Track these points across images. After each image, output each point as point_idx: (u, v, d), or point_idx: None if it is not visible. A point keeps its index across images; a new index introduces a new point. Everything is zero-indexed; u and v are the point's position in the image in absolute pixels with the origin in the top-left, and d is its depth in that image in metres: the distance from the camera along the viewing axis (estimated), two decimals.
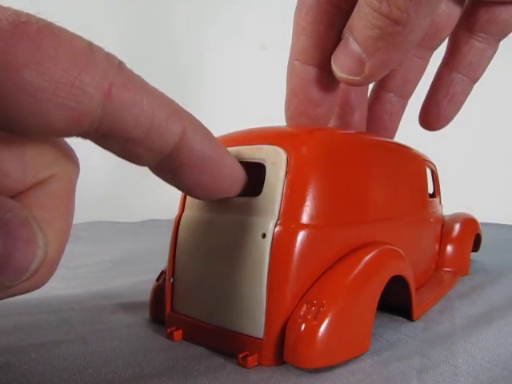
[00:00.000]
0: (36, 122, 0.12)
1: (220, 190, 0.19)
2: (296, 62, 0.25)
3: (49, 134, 0.14)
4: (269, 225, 0.20)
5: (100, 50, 0.13)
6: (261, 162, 0.21)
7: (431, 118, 0.28)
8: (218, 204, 0.23)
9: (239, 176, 0.20)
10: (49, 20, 0.13)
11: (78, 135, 0.14)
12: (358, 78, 0.22)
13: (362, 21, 0.21)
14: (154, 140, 0.15)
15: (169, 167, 0.17)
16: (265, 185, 0.21)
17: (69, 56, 0.12)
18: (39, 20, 0.12)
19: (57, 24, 0.13)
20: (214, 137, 0.18)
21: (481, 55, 0.27)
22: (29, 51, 0.12)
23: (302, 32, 0.24)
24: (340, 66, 0.22)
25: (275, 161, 0.21)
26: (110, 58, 0.14)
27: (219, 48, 0.95)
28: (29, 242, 0.13)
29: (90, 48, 0.13)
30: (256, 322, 0.20)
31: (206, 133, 0.17)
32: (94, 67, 0.13)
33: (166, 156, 0.16)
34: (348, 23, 0.22)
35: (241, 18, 0.96)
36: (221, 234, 0.22)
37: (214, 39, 0.96)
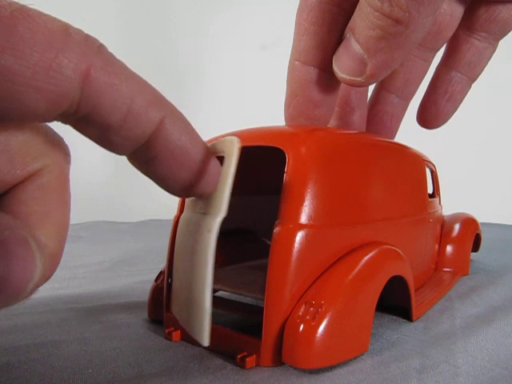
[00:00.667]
0: (15, 107, 0.12)
1: (196, 186, 0.18)
2: (297, 63, 0.25)
3: (29, 119, 0.13)
4: (216, 221, 0.18)
5: (78, 32, 0.13)
6: (222, 154, 0.19)
7: (429, 116, 0.28)
8: (193, 202, 0.22)
9: (216, 173, 0.18)
10: (22, 3, 0.12)
11: (57, 119, 0.14)
12: (359, 79, 0.22)
13: (363, 21, 0.20)
14: (131, 127, 0.14)
15: (145, 157, 0.16)
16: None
17: (45, 38, 0.12)
18: (12, 3, 0.12)
19: (31, 7, 0.12)
20: (193, 130, 0.17)
21: (480, 54, 0.26)
22: (3, 36, 0.11)
23: (304, 32, 0.24)
24: (341, 67, 0.22)
25: (230, 152, 0.19)
26: (89, 40, 0.13)
27: (219, 48, 0.95)
28: (27, 261, 0.13)
29: (67, 30, 0.13)
30: (206, 330, 0.18)
31: (186, 125, 0.16)
32: (71, 49, 0.12)
33: (143, 145, 0.15)
34: (349, 24, 0.22)
35: (241, 18, 0.96)
36: (189, 233, 0.21)
37: (214, 39, 0.96)
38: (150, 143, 0.15)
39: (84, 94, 0.13)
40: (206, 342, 0.18)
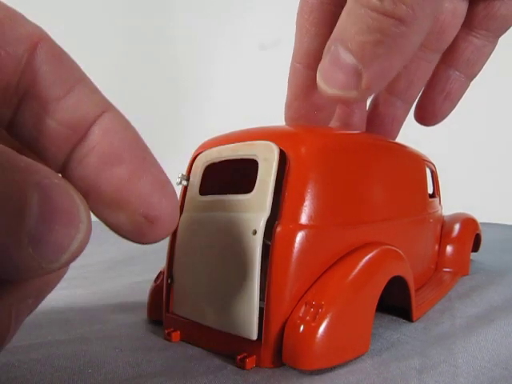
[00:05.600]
0: None
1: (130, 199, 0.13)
2: (298, 65, 0.24)
3: None
4: (260, 221, 0.20)
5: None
6: (253, 157, 0.21)
7: (426, 114, 0.28)
8: (213, 203, 0.22)
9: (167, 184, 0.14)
10: None
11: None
12: (354, 94, 0.20)
13: (355, 26, 0.18)
14: (70, 107, 0.12)
15: (78, 160, 0.13)
16: (257, 181, 0.21)
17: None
18: None
19: None
20: (136, 134, 0.14)
21: (479, 52, 0.26)
22: None
23: (306, 34, 0.23)
24: (330, 82, 0.20)
25: (267, 157, 0.21)
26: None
27: (218, 48, 0.95)
28: (70, 214, 0.11)
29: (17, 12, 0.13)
30: (251, 322, 0.20)
31: (126, 122, 0.14)
32: (27, 21, 0.12)
33: (78, 142, 0.13)
34: (333, 34, 0.20)
35: (240, 18, 0.96)
36: (214, 233, 0.22)
37: (213, 39, 0.96)
38: (88, 139, 0.13)
39: (29, 63, 0.12)
40: (254, 335, 0.19)
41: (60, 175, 0.12)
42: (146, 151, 0.14)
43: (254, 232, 0.20)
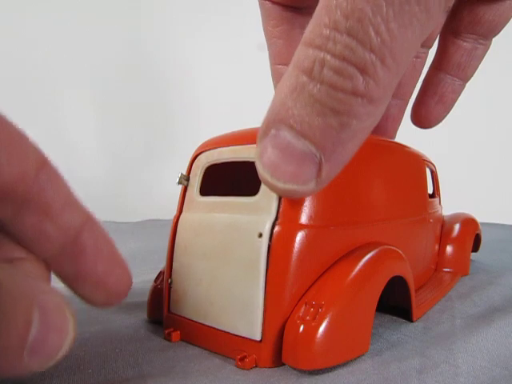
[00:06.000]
0: None
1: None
2: (279, 66, 0.24)
3: None
4: (265, 224, 0.20)
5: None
6: (250, 160, 0.21)
7: (420, 118, 0.27)
8: (214, 204, 0.22)
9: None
10: None
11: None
12: (312, 185, 0.16)
13: (307, 106, 0.15)
14: (64, 217, 0.16)
15: (70, 255, 0.17)
16: (262, 184, 0.21)
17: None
18: None
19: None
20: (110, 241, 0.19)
21: (470, 55, 0.25)
22: None
23: (279, 37, 0.23)
24: (280, 175, 0.16)
25: None
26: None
27: (218, 48, 0.95)
28: (62, 329, 0.13)
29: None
30: (254, 324, 0.20)
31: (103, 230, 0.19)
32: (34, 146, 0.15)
33: (69, 242, 0.17)
34: (270, 113, 0.16)
35: (239, 18, 0.96)
36: (217, 234, 0.22)
37: (213, 39, 0.96)
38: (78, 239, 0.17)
39: (36, 180, 0.15)
40: (258, 336, 0.20)
41: (56, 290, 0.15)
42: (116, 251, 0.19)
43: (260, 235, 0.20)
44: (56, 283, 0.18)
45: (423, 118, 0.27)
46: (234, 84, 0.89)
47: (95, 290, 0.19)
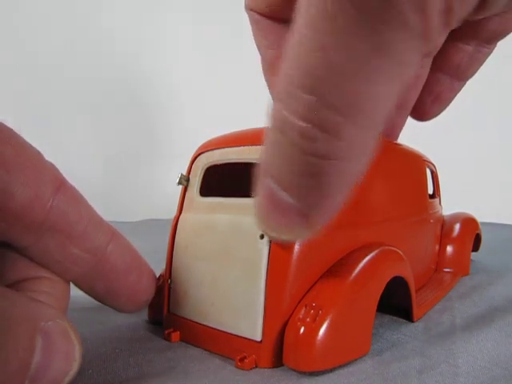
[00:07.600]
0: None
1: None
2: (273, 77, 0.24)
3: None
4: None
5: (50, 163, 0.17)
6: (252, 161, 0.21)
7: (416, 112, 0.27)
8: (215, 205, 0.22)
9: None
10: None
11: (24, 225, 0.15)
12: (299, 235, 0.17)
13: (287, 166, 0.14)
14: (89, 238, 0.17)
15: (99, 275, 0.19)
16: None
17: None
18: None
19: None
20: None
21: (471, 58, 0.23)
22: None
23: (269, 47, 0.23)
24: (271, 226, 0.16)
25: None
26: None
27: (217, 48, 0.95)
28: (67, 355, 0.13)
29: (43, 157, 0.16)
30: (254, 324, 0.20)
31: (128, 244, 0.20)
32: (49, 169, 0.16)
33: (98, 261, 0.18)
34: (262, 163, 0.16)
35: (239, 18, 0.96)
36: (218, 235, 0.22)
37: (212, 40, 0.96)
38: (103, 258, 0.18)
39: (55, 202, 0.15)
40: (259, 336, 0.20)
41: (62, 314, 0.15)
42: (141, 258, 0.21)
43: (262, 236, 0.20)
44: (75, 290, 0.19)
45: (420, 114, 0.27)
46: (234, 84, 0.89)
47: (127, 301, 0.20)
